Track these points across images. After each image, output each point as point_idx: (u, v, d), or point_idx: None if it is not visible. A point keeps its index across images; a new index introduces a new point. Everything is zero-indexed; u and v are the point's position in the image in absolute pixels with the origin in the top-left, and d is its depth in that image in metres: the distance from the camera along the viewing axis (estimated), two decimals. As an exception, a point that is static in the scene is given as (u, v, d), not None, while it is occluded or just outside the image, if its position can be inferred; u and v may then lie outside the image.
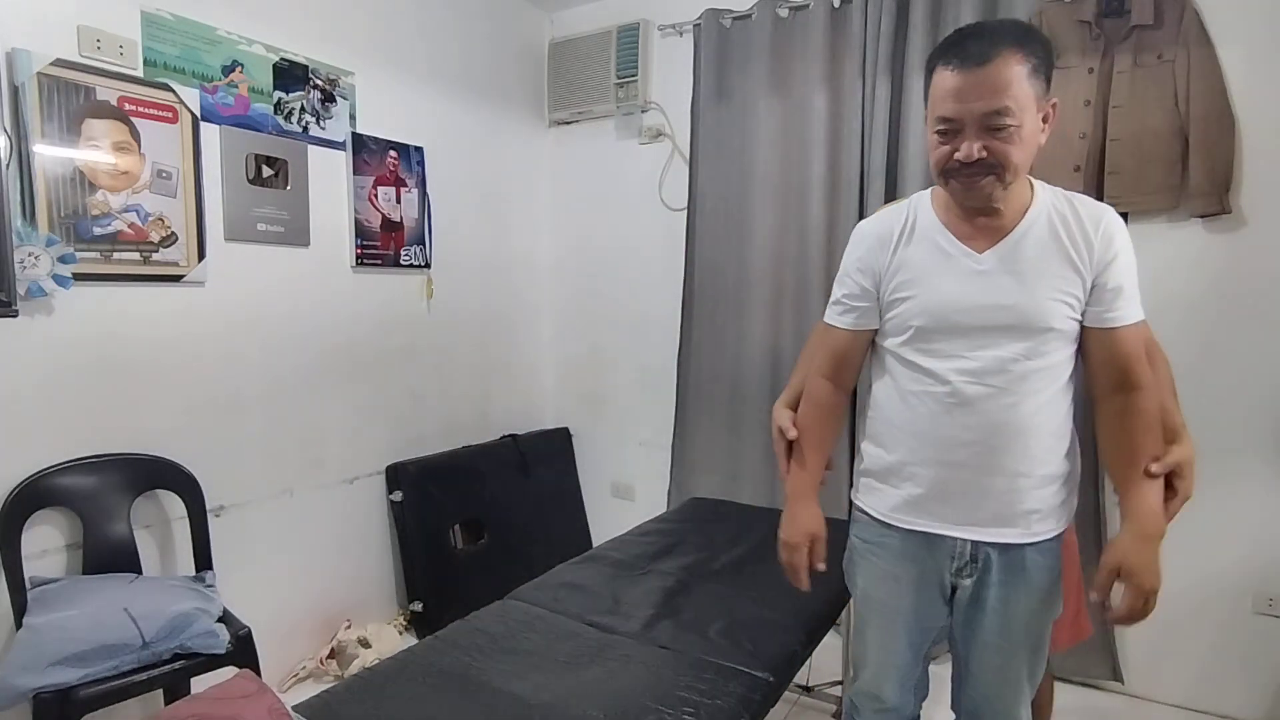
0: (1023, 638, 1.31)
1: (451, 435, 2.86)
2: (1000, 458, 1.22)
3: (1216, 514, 2.12)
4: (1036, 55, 1.13)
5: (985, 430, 1.21)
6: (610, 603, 1.74)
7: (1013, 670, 1.33)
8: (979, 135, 1.13)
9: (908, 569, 1.34)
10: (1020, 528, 1.25)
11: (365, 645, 2.33)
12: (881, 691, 1.43)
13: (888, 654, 1.41)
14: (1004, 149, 1.13)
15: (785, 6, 2.59)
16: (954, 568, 1.30)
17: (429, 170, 2.71)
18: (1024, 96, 1.12)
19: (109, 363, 1.88)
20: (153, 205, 1.93)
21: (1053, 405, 1.22)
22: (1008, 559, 1.27)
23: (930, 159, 1.22)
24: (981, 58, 1.11)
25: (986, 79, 1.11)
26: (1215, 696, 2.16)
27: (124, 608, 1.64)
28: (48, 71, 1.72)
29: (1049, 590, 1.30)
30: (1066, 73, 2.12)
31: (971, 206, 1.21)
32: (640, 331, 3.11)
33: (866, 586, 1.42)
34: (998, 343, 1.20)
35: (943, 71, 1.15)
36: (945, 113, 1.15)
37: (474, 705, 1.33)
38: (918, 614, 1.36)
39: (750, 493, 2.72)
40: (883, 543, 1.36)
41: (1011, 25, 1.21)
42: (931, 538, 1.30)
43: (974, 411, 1.21)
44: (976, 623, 1.33)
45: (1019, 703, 1.35)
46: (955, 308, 1.22)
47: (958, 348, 1.22)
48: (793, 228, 2.64)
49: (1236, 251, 2.05)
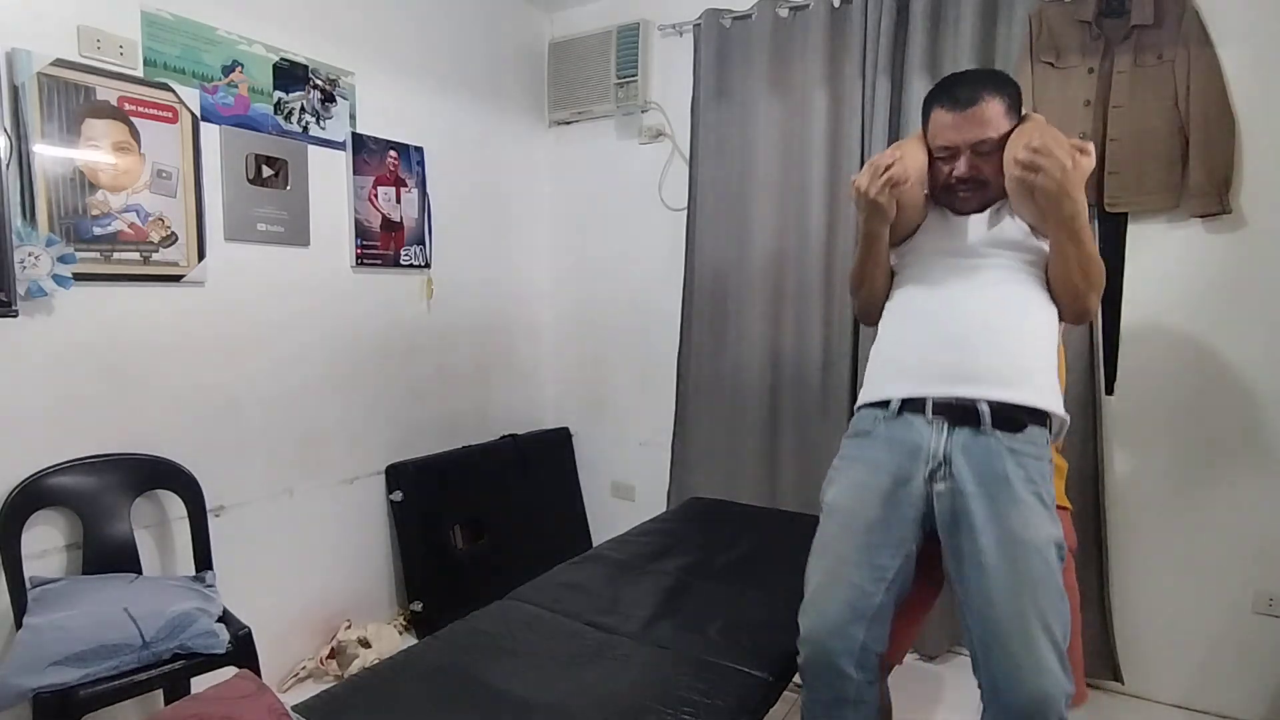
0: (1019, 551, 1.25)
1: (451, 435, 2.87)
2: (978, 330, 1.41)
3: (1216, 514, 2.12)
4: (1010, 96, 1.48)
5: (964, 308, 1.45)
6: (610, 603, 1.74)
7: (1025, 592, 1.23)
8: (969, 158, 1.49)
9: (882, 475, 1.40)
10: (1000, 387, 1.36)
11: (365, 645, 2.33)
12: (825, 607, 1.35)
13: (840, 564, 1.37)
14: (988, 168, 1.49)
15: (785, 6, 2.59)
16: (928, 469, 1.37)
17: (429, 170, 2.71)
18: (1001, 130, 1.46)
19: (109, 362, 1.88)
20: (153, 205, 1.93)
21: (1027, 295, 1.46)
22: (973, 460, 1.33)
23: (931, 179, 1.56)
24: (969, 101, 1.46)
25: (974, 117, 1.46)
26: (1215, 696, 2.16)
27: (124, 608, 1.64)
28: (48, 71, 1.72)
29: (1035, 510, 1.29)
30: (1066, 73, 2.12)
31: (963, 212, 1.55)
32: (640, 331, 3.11)
33: (836, 497, 1.46)
34: (981, 252, 1.51)
35: (939, 111, 1.51)
36: (944, 142, 1.51)
37: (474, 705, 1.33)
38: (885, 524, 1.38)
39: (750, 493, 2.72)
40: (870, 432, 1.46)
41: (989, 74, 1.60)
42: (905, 428, 1.40)
43: (954, 299, 1.47)
44: (961, 536, 1.32)
45: (1044, 640, 1.21)
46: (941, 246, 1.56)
47: (944, 260, 1.54)
48: (793, 228, 2.64)
49: (1236, 251, 2.05)
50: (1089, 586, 2.18)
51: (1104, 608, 2.22)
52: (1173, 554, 2.20)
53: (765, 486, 2.72)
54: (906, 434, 1.41)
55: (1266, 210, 2.01)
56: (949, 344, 1.42)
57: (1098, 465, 2.21)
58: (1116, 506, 2.24)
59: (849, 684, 1.34)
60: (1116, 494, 2.24)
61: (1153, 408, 2.19)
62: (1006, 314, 1.43)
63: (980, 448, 1.34)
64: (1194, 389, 2.14)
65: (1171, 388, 2.16)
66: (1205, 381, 2.11)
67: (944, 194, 1.55)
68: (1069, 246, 1.40)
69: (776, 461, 2.71)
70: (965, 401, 1.36)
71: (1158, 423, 2.19)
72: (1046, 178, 1.31)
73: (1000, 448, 1.33)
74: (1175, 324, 2.13)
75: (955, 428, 1.37)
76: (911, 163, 1.50)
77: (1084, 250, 1.40)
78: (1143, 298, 2.17)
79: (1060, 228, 1.38)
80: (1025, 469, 1.32)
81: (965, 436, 1.36)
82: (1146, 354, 2.18)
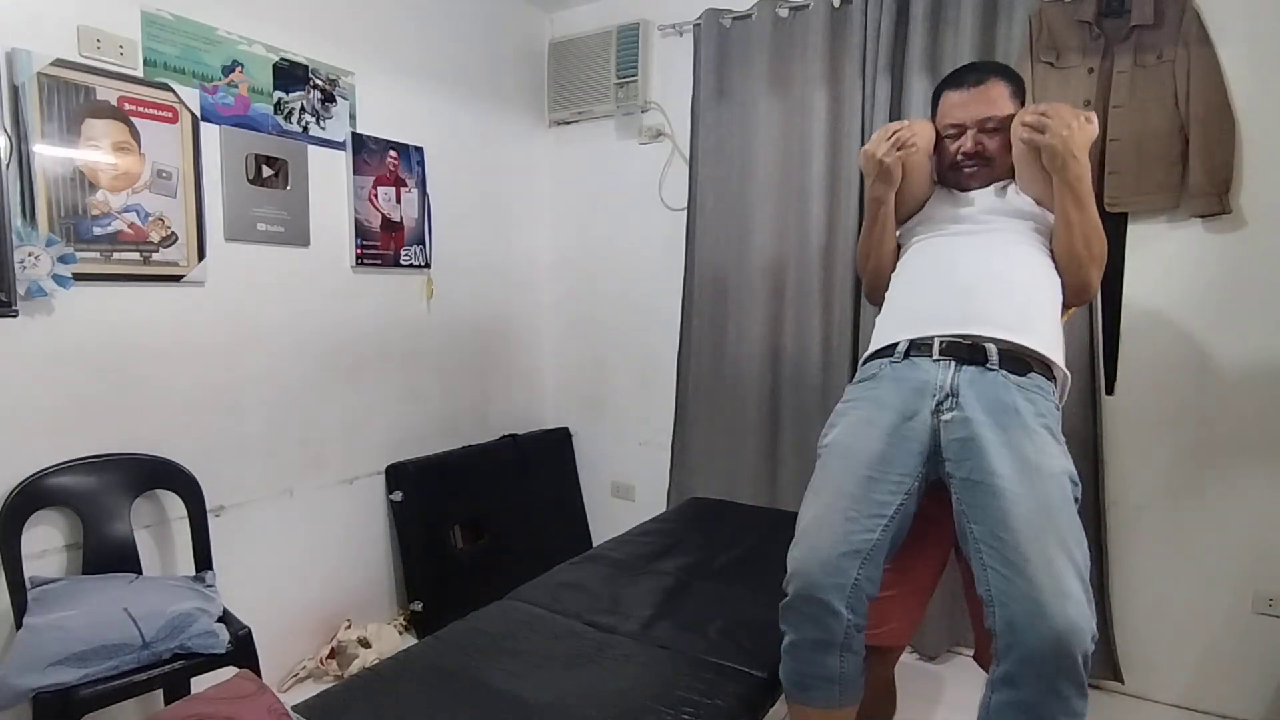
0: (1033, 476, 1.20)
1: (451, 435, 2.87)
2: (984, 279, 1.44)
3: (1216, 514, 2.12)
4: (1015, 84, 1.61)
5: (970, 261, 1.49)
6: (609, 602, 1.74)
7: (1046, 514, 1.17)
8: (976, 135, 1.59)
9: (887, 411, 1.37)
10: (1006, 330, 1.36)
11: (365, 645, 2.33)
12: (817, 541, 1.27)
13: (837, 497, 1.31)
14: (992, 145, 1.58)
15: (785, 6, 2.59)
16: (935, 401, 1.34)
17: (429, 170, 2.71)
18: (1006, 110, 1.57)
19: (109, 362, 1.88)
20: (153, 205, 1.93)
21: (1031, 257, 1.49)
22: (979, 391, 1.32)
23: (938, 161, 1.65)
24: (978, 81, 1.59)
25: (982, 95, 1.58)
26: (1215, 696, 2.16)
27: (124, 608, 1.64)
28: (48, 71, 1.72)
29: (1048, 441, 1.27)
30: (1066, 73, 2.12)
31: (969, 189, 1.62)
32: (640, 331, 3.11)
33: (838, 436, 1.41)
34: (980, 216, 1.57)
35: (949, 92, 1.63)
36: (953, 119, 1.61)
37: (473, 705, 1.33)
38: (886, 459, 1.32)
39: (750, 493, 2.72)
40: (875, 375, 1.46)
41: (996, 64, 1.79)
42: (910, 367, 1.40)
43: (961, 255, 1.51)
44: (970, 465, 1.26)
45: (1069, 569, 1.12)
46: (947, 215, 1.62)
47: (951, 226, 1.60)
48: (793, 228, 2.64)
49: (1236, 251, 2.05)
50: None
51: (1104, 608, 2.22)
52: (1173, 554, 2.20)
53: (765, 486, 2.72)
54: (912, 373, 1.39)
55: (1266, 210, 2.01)
56: (956, 292, 1.45)
57: (1098, 465, 2.21)
58: (1116, 506, 2.24)
59: (838, 624, 1.24)
60: (1116, 494, 2.24)
61: (1153, 407, 2.19)
62: (1012, 269, 1.47)
63: (988, 382, 1.32)
64: (1194, 389, 2.14)
65: (1171, 387, 2.16)
66: (1205, 381, 2.11)
67: (950, 173, 1.64)
68: (1073, 212, 1.44)
69: (776, 461, 2.71)
70: (973, 339, 1.37)
71: (1158, 422, 2.19)
72: (1053, 135, 1.40)
73: (1008, 383, 1.32)
74: (1175, 324, 2.13)
75: (963, 365, 1.35)
76: (920, 130, 1.60)
77: (1087, 217, 1.44)
78: (1143, 298, 2.17)
79: (1065, 191, 1.43)
80: (1034, 404, 1.31)
81: (973, 372, 1.34)
82: (1146, 354, 2.18)
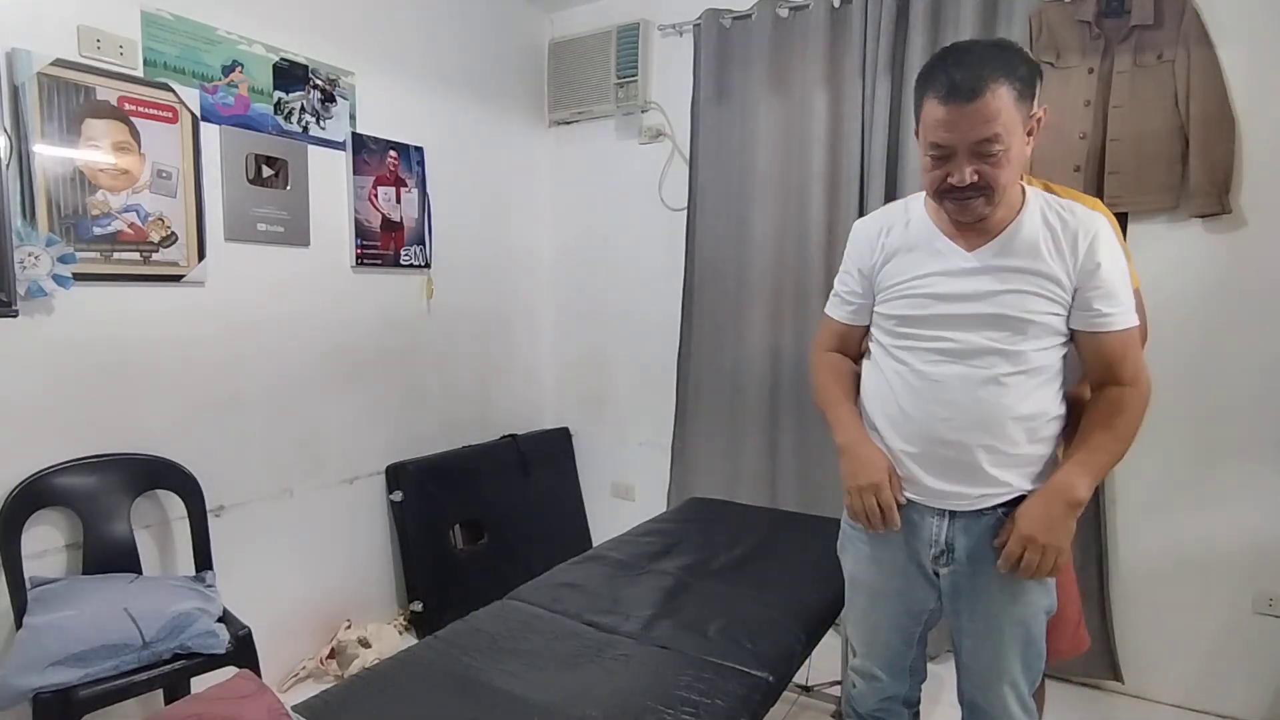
0: (1005, 626, 1.32)
1: (451, 435, 2.86)
2: (972, 434, 1.25)
3: (1216, 514, 2.12)
4: (1021, 78, 1.16)
5: (958, 409, 1.26)
6: (610, 602, 1.74)
7: (1003, 663, 1.34)
8: (970, 160, 1.18)
9: (893, 553, 1.39)
10: (985, 488, 1.27)
11: (365, 645, 2.33)
12: (873, 671, 1.49)
13: (875, 634, 1.47)
14: (994, 172, 1.18)
15: (785, 6, 2.59)
16: (932, 554, 1.34)
17: (429, 170, 2.71)
18: (1011, 121, 1.16)
19: (109, 362, 1.88)
20: (153, 205, 1.93)
21: (1031, 393, 1.25)
22: (973, 539, 1.30)
23: (924, 179, 1.27)
24: (970, 93, 1.14)
25: (976, 112, 1.14)
26: (1215, 696, 2.16)
27: (124, 608, 1.64)
28: (48, 71, 1.72)
29: (1028, 585, 1.29)
30: (1066, 73, 2.12)
31: (964, 222, 1.27)
32: (640, 331, 3.11)
33: (854, 570, 1.48)
34: (978, 331, 1.26)
35: (932, 102, 1.19)
36: (938, 140, 1.20)
37: (474, 705, 1.33)
38: (903, 596, 1.41)
39: (750, 493, 2.72)
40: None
41: (995, 50, 1.19)
42: (909, 521, 1.34)
43: (948, 390, 1.27)
44: (960, 613, 1.36)
45: (1011, 697, 1.35)
46: (940, 298, 1.28)
47: (939, 335, 1.28)
48: (793, 228, 2.64)
49: (1236, 251, 2.05)
50: (1089, 587, 2.18)
51: (1104, 608, 2.22)
52: (1173, 554, 2.19)
53: (765, 486, 2.72)
54: (910, 518, 1.35)
55: (1266, 210, 2.01)
56: (944, 442, 1.27)
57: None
58: (1116, 506, 2.24)
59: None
60: (1116, 494, 2.24)
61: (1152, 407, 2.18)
62: (1011, 422, 1.25)
63: (981, 526, 1.30)
64: (1194, 389, 2.14)
65: (1171, 387, 2.15)
66: (1205, 381, 2.11)
67: (940, 198, 1.26)
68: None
69: (776, 461, 2.71)
70: (965, 498, 1.29)
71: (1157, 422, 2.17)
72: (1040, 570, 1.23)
73: (1000, 522, 1.29)
74: (1175, 324, 2.13)
75: (956, 516, 1.31)
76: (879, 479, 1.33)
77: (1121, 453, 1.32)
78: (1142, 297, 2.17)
79: None
80: None
81: (966, 519, 1.30)
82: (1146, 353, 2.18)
